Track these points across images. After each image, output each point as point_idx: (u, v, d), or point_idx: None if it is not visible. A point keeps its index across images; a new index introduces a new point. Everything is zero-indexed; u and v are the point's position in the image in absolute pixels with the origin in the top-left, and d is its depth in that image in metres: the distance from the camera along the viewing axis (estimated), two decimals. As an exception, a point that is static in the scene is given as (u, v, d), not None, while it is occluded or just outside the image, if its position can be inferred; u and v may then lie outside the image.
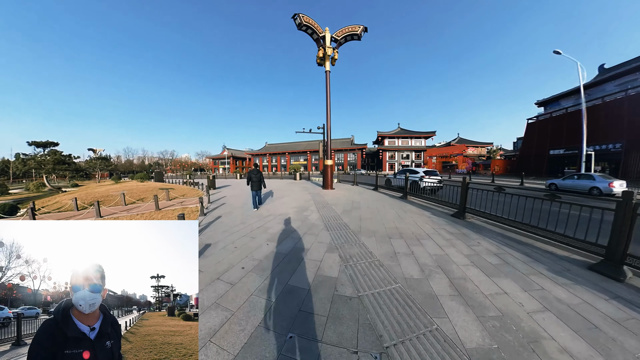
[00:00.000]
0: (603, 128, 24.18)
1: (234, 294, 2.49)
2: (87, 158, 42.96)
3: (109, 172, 47.98)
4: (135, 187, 13.37)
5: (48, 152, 20.25)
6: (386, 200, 8.33)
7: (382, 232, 4.55)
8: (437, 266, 3.13)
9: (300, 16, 11.28)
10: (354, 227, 4.89)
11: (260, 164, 67.10)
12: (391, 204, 7.65)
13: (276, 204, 8.18)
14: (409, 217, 5.79)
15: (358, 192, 10.82)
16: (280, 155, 64.46)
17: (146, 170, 72.19)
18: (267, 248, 3.82)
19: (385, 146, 52.37)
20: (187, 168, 77.55)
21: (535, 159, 31.97)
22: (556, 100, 34.65)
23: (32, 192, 20.56)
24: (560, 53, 17.85)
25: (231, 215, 6.41)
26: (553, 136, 30.07)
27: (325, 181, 12.30)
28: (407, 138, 53.11)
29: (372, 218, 5.64)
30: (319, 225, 5.09)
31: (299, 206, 7.50)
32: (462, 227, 5.01)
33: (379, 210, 6.51)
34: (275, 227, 5.01)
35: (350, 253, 3.49)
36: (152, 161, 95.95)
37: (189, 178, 38.27)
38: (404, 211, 6.50)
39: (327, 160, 12.28)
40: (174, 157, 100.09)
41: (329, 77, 12.15)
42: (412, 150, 52.57)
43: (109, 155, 54.10)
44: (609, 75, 28.26)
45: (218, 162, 75.67)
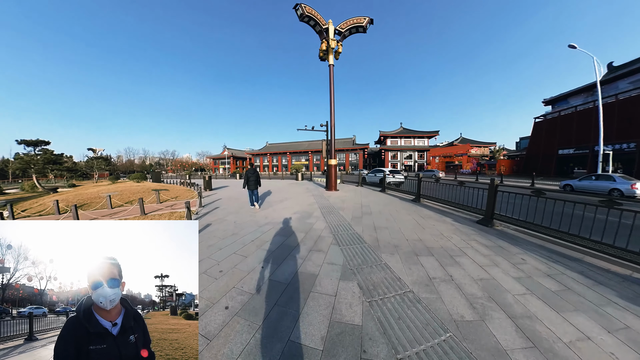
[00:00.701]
0: (616, 127, 23.29)
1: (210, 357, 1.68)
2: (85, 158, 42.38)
3: (109, 172, 47.44)
4: (129, 188, 12.66)
5: (38, 151, 19.48)
6: (398, 204, 7.54)
7: (405, 246, 3.74)
8: (489, 297, 2.35)
9: (302, 6, 10.52)
10: (370, 239, 4.06)
11: (261, 163, 66.45)
12: (405, 208, 6.85)
13: (276, 208, 7.37)
14: (430, 225, 4.99)
15: (364, 194, 10.03)
16: (281, 155, 63.75)
17: (147, 170, 71.82)
18: (262, 274, 2.97)
19: (388, 146, 51.59)
20: (187, 168, 77.05)
21: (543, 159, 31.08)
22: (564, 98, 33.74)
23: (27, 192, 19.95)
24: (575, 47, 17.06)
25: (222, 223, 5.54)
26: (562, 135, 29.18)
27: (329, 182, 11.52)
28: (410, 138, 52.32)
29: (389, 227, 4.83)
30: (327, 237, 4.23)
31: (301, 211, 6.69)
32: (495, 237, 4.25)
33: (394, 217, 5.71)
34: (274, 241, 4.17)
35: (373, 281, 2.65)
36: (153, 161, 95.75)
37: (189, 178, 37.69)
38: (422, 217, 5.70)
39: (330, 159, 11.49)
40: (174, 157, 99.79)
41: (333, 72, 11.39)
42: (415, 150, 51.75)
43: (109, 156, 53.67)
44: (621, 73, 27.30)
45: (218, 162, 75.19)
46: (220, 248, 3.88)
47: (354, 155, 54.34)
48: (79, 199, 9.47)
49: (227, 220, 5.76)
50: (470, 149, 41.08)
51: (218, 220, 5.79)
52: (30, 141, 18.86)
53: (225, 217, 6.21)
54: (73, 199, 9.55)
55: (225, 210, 7.21)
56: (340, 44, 11.45)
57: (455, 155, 41.15)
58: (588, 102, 28.76)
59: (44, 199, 11.54)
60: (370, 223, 5.09)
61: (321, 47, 11.34)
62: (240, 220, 5.72)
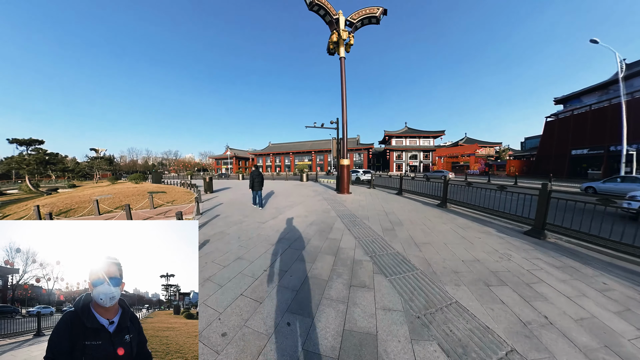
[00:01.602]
0: (633, 126, 22.37)
1: None
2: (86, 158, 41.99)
3: (112, 173, 47.16)
4: (124, 190, 11.91)
5: (31, 150, 18.76)
6: (425, 211, 6.75)
7: (466, 271, 2.98)
8: (607, 348, 1.77)
9: (312, -7, 9.80)
10: (418, 261, 3.27)
11: (264, 164, 65.85)
12: (436, 215, 6.05)
13: (287, 216, 6.34)
14: (476, 238, 4.22)
15: (381, 198, 9.24)
16: (284, 156, 63.08)
17: (149, 170, 71.44)
18: (290, 337, 1.87)
19: (393, 146, 50.71)
20: (190, 168, 76.69)
21: (555, 159, 30.11)
22: (577, 97, 32.71)
23: (25, 193, 19.46)
24: (597, 42, 16.18)
25: (223, 240, 4.36)
26: (575, 135, 28.21)
27: (341, 184, 10.73)
28: (415, 137, 51.42)
29: (431, 242, 4.06)
30: (364, 262, 3.19)
31: (319, 221, 5.63)
32: (557, 254, 3.62)
33: (430, 227, 4.92)
34: (295, 270, 3.00)
35: (457, 337, 1.83)
36: (156, 161, 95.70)
37: (191, 178, 37.10)
38: (461, 227, 4.93)
39: (343, 159, 10.70)
40: (177, 157, 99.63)
41: (344, 65, 10.63)
42: (420, 150, 50.87)
43: (112, 156, 53.35)
44: (636, 71, 26.30)
45: (221, 162, 74.79)
46: (220, 285, 2.75)
47: (357, 155, 53.53)
48: (67, 202, 8.75)
49: (230, 235, 4.71)
50: (478, 149, 40.10)
51: (218, 236, 4.72)
52: (22, 140, 18.09)
53: (227, 229, 5.17)
54: (61, 203, 8.82)
55: (227, 219, 6.13)
56: (351, 35, 10.71)
57: (462, 155, 40.19)
58: (602, 100, 27.80)
59: (34, 202, 10.90)
60: (407, 237, 4.30)
61: (331, 39, 10.60)
62: (245, 235, 4.67)
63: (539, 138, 45.42)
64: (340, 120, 10.77)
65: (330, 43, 10.80)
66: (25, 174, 17.32)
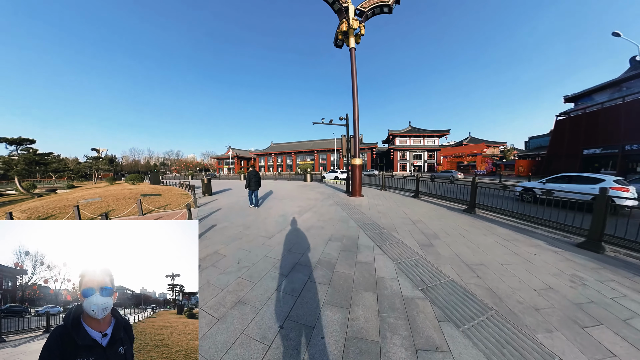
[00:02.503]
0: (650, 124, 21.51)
1: None
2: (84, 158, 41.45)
3: (114, 173, 46.67)
4: (117, 192, 11.11)
5: (21, 150, 17.91)
6: (452, 217, 5.97)
7: (548, 307, 2.23)
8: None
9: (321, -20, 9.04)
10: (486, 295, 2.45)
11: (266, 164, 65.25)
12: (469, 224, 5.27)
13: (297, 227, 5.22)
14: (532, 255, 3.49)
15: (398, 202, 8.46)
16: (286, 155, 62.41)
17: (150, 170, 70.93)
18: None
19: (397, 145, 49.91)
20: (191, 168, 76.22)
21: (566, 159, 29.25)
22: (588, 95, 31.78)
23: (22, 194, 18.88)
24: (620, 35, 15.35)
25: (219, 267, 3.25)
26: (587, 134, 27.34)
27: (353, 186, 9.90)
28: (420, 137, 50.61)
29: (484, 262, 3.29)
30: (417, 300, 2.36)
31: (339, 235, 4.54)
32: (630, 273, 3.01)
33: (471, 240, 4.14)
34: (325, 325, 2.02)
35: None
36: (158, 161, 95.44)
37: (191, 179, 36.46)
38: (506, 239, 4.17)
39: (354, 158, 9.90)
40: (179, 157, 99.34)
41: (355, 56, 9.85)
42: (425, 149, 50.05)
43: (114, 156, 52.90)
44: (651, 67, 25.33)
45: (222, 162, 74.34)
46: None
47: (360, 155, 52.77)
48: (51, 207, 7.99)
49: (226, 258, 3.55)
50: (485, 149, 39.21)
51: (211, 259, 3.54)
52: (11, 139, 17.12)
53: (224, 248, 3.98)
54: (44, 207, 8.07)
55: (225, 232, 4.93)
56: (362, 25, 9.94)
57: (468, 154, 39.29)
58: (615, 98, 26.91)
59: (20, 205, 10.20)
60: (453, 255, 3.52)
61: (340, 28, 9.83)
62: (247, 259, 3.48)
63: (543, 137, 44.72)
64: (351, 116, 9.95)
65: (339, 33, 10.04)
66: (15, 175, 16.39)
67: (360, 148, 45.04)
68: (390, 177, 18.74)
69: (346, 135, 11.58)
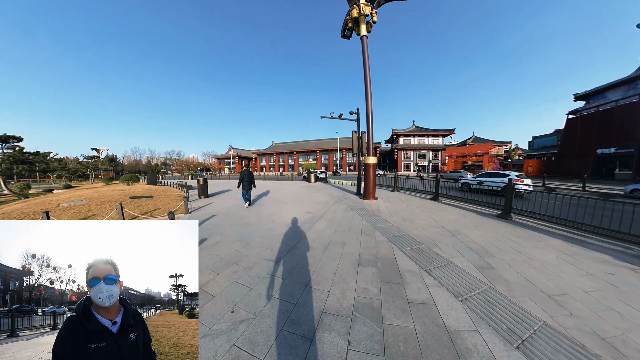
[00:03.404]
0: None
1: None
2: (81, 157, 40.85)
3: (114, 172, 46.09)
4: (106, 194, 10.27)
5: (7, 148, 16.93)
6: (489, 225, 5.17)
7: None
8: None
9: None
10: (596, 343, 1.76)
11: (267, 163, 64.56)
12: (513, 234, 4.45)
13: (312, 243, 4.09)
14: (609, 275, 2.79)
15: (419, 205, 7.63)
16: (287, 155, 61.64)
17: (151, 170, 70.44)
18: None
19: (401, 145, 48.99)
20: (192, 168, 75.62)
21: (578, 159, 28.31)
22: (600, 92, 30.74)
23: (12, 195, 18.17)
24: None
25: (212, 309, 2.28)
26: (601, 133, 26.41)
27: (367, 188, 8.99)
28: (424, 136, 49.68)
29: (566, 290, 2.50)
30: None
31: (368, 255, 3.48)
32: None
33: (530, 256, 3.32)
34: None
35: None
36: (159, 161, 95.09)
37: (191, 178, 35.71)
38: (568, 254, 3.39)
39: (368, 157, 8.98)
40: (180, 157, 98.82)
41: (367, 45, 9.02)
42: (429, 149, 49.12)
43: (115, 156, 52.38)
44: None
45: (224, 161, 73.73)
46: None
47: (364, 154, 51.90)
48: (27, 211, 7.19)
49: (216, 301, 2.40)
50: (492, 148, 38.27)
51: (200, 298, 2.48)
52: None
53: (214, 282, 2.81)
54: (19, 211, 7.24)
55: (218, 253, 3.73)
56: (374, 11, 9.14)
57: (475, 154, 38.33)
58: (630, 96, 25.95)
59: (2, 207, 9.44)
60: (524, 282, 2.68)
61: (350, 14, 9.06)
62: (247, 303, 2.35)
63: (548, 137, 43.73)
64: (363, 110, 9.09)
65: (349, 20, 9.26)
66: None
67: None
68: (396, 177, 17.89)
69: (357, 131, 10.74)
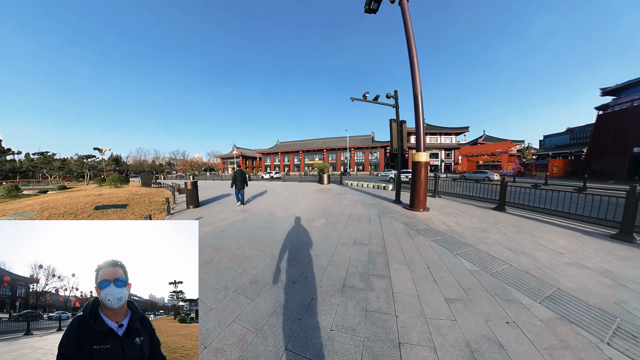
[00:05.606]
0: None
1: None
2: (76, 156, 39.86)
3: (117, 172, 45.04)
4: (68, 202, 8.14)
5: None
6: (619, 252, 3.46)
7: None
8: None
9: None
10: None
11: (272, 163, 63.07)
12: None
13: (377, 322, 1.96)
14: None
15: (491, 219, 5.81)
16: (293, 154, 60.00)
17: (156, 170, 69.46)
18: None
19: (411, 143, 46.92)
20: (196, 168, 74.51)
21: (610, 158, 26.05)
22: (634, 86, 28.34)
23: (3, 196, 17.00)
24: None
25: None
26: (637, 130, 24.17)
27: (416, 195, 6.75)
28: (436, 135, 47.56)
29: None
30: None
31: (489, 351, 1.63)
32: None
33: None
34: None
35: None
36: (164, 161, 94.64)
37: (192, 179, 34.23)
38: None
39: (417, 153, 6.79)
40: (185, 157, 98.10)
41: (408, 9, 7.14)
42: (442, 148, 46.99)
43: (119, 156, 51.44)
44: None
45: (227, 161, 72.50)
46: None
47: (371, 154, 49.97)
48: None
49: None
50: (512, 147, 36.04)
51: None
52: None
53: None
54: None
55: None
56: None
57: (492, 153, 36.16)
58: (669, 89, 23.62)
59: None
60: None
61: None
62: None
63: (560, 136, 41.48)
64: (412, 90, 7.09)
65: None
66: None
67: (372, 147, 41.47)
68: (437, 179, 15.98)
69: (396, 119, 8.89)
